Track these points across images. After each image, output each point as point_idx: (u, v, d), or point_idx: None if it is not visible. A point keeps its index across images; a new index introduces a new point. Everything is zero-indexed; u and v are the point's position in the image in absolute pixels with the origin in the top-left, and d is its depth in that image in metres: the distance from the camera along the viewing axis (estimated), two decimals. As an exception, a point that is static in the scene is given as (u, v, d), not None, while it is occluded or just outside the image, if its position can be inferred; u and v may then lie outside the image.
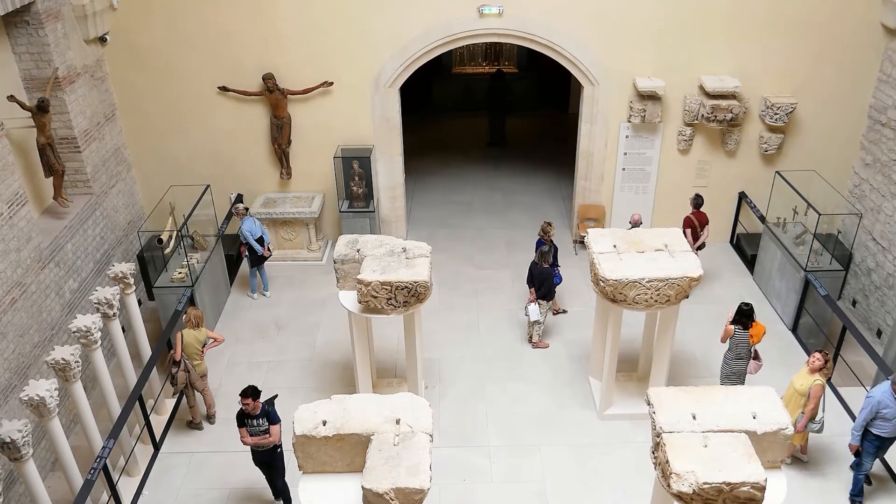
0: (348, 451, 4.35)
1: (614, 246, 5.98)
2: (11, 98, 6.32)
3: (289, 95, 8.22)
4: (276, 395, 5.51)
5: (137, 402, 5.86)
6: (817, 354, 5.43)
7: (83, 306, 6.80)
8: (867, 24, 7.63)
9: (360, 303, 5.76)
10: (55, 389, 4.91)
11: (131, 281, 6.20)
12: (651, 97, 8.09)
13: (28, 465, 4.70)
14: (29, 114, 6.43)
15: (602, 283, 5.73)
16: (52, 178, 6.82)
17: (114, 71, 8.05)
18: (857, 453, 5.41)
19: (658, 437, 4.24)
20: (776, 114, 8.01)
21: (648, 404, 4.47)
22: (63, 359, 5.13)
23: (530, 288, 7.18)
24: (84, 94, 7.41)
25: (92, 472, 5.04)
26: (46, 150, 6.60)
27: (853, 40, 7.74)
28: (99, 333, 5.55)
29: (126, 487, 5.80)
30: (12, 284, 5.80)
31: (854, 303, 8.08)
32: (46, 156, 6.62)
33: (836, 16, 7.63)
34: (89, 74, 7.56)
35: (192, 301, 7.09)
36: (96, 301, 5.82)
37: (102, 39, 7.80)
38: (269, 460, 5.40)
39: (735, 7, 7.68)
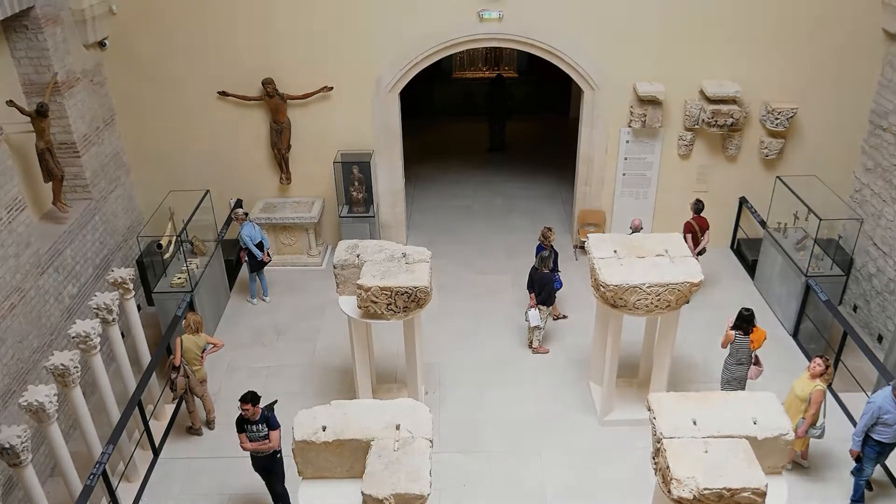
0: (348, 457, 4.38)
1: (615, 251, 6.01)
2: (10, 103, 6.35)
3: (288, 100, 8.27)
4: (275, 401, 5.55)
5: (137, 407, 5.90)
6: (818, 360, 5.46)
7: (82, 312, 6.83)
8: (868, 29, 7.71)
9: (359, 308, 5.79)
10: (54, 395, 4.94)
11: (131, 286, 6.23)
12: (651, 102, 8.15)
13: (27, 470, 4.72)
14: (28, 119, 6.46)
15: (602, 289, 5.76)
16: (51, 183, 6.86)
17: (113, 76, 8.10)
18: (857, 459, 5.44)
19: (659, 442, 4.27)
20: (777, 119, 8.07)
21: (649, 410, 4.50)
22: (62, 364, 5.15)
23: (530, 293, 7.22)
24: (83, 99, 7.47)
25: (91, 477, 5.07)
26: (45, 155, 6.63)
27: (854, 45, 7.80)
28: (98, 339, 5.57)
29: (125, 493, 5.83)
30: (11, 290, 5.84)
31: (855, 308, 8.13)
32: (45, 161, 6.66)
33: (838, 21, 7.69)
34: (88, 79, 7.61)
35: (191, 306, 7.12)
36: (95, 306, 5.84)
37: (102, 44, 7.85)
38: (269, 466, 5.44)
39: (736, 13, 7.73)
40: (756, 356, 6.09)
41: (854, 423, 5.95)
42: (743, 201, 8.78)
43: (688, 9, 7.76)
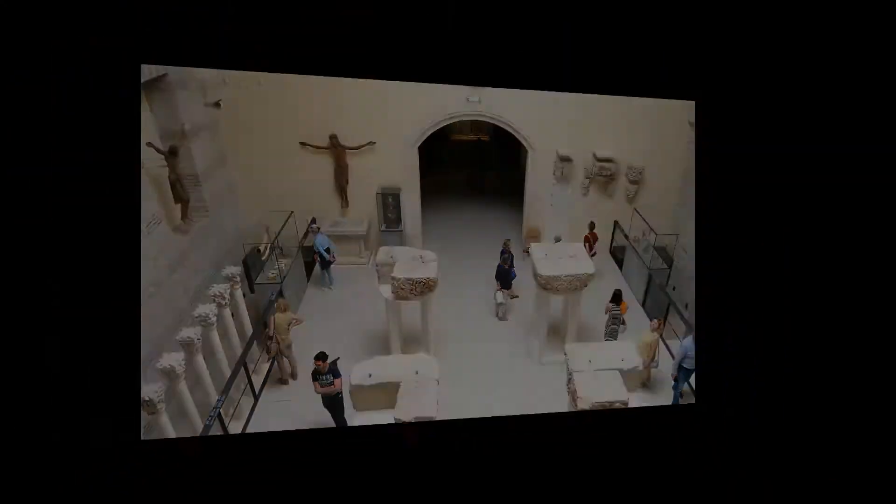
0: (386, 394, 3.74)
1: (545, 254, 5.45)
2: (149, 144, 4.99)
3: (347, 150, 6.99)
4: (338, 358, 4.57)
5: (242, 366, 4.78)
6: (655, 321, 5.20)
7: (203, 298, 5.49)
8: (682, 120, 7.06)
9: (393, 293, 4.98)
10: (182, 360, 3.94)
11: (238, 279, 5.11)
12: (567, 160, 7.38)
13: (162, 417, 3.72)
14: (163, 157, 5.11)
15: (539, 278, 5.20)
16: (180, 205, 5.41)
17: (226, 128, 6.58)
18: (675, 379, 5.10)
19: (570, 375, 3.95)
20: (634, 173, 7.51)
21: (565, 354, 4.14)
22: (188, 337, 4.18)
23: (497, 281, 6.45)
24: (203, 144, 5.97)
25: (209, 418, 4.02)
26: (176, 184, 5.29)
27: (675, 128, 7.17)
28: (215, 318, 4.54)
29: (234, 427, 4.74)
30: (150, 283, 4.56)
31: (674, 288, 7.65)
32: (175, 188, 5.31)
33: (665, 116, 7.11)
34: (207, 129, 6.08)
35: (281, 293, 5.92)
36: (213, 294, 4.77)
37: (217, 104, 6.27)
38: (334, 403, 4.50)
39: (611, 109, 7.07)
40: (623, 319, 5.62)
41: (673, 358, 5.49)
42: (616, 223, 8.10)
43: (589, 104, 7.00)
